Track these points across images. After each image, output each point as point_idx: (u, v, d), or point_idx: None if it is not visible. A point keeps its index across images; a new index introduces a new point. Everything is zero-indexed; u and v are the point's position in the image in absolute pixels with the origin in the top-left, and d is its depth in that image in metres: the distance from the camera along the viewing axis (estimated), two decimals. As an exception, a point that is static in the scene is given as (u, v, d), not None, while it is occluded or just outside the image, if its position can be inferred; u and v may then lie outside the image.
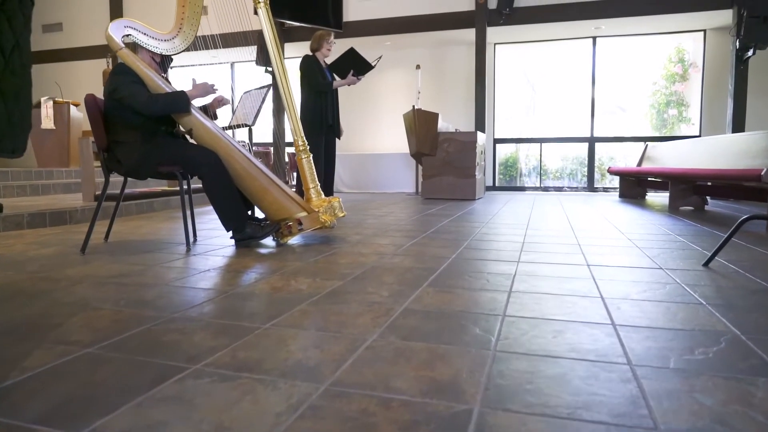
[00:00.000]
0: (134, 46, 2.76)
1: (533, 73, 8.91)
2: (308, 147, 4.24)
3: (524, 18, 7.58)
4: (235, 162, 2.80)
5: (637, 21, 7.46)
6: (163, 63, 2.83)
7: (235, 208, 2.75)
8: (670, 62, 8.19)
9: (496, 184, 8.98)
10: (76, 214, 3.98)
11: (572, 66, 8.58)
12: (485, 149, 7.42)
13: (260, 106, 3.68)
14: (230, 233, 2.80)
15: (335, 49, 4.28)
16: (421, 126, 6.50)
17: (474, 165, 6.44)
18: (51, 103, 6.31)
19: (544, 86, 8.89)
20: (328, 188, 4.40)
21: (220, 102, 2.97)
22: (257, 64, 7.33)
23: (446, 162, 6.53)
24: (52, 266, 2.27)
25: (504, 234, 3.26)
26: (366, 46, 8.99)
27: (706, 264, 2.25)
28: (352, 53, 4.06)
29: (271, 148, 8.82)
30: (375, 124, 9.20)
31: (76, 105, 6.65)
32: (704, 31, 7.83)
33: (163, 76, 2.80)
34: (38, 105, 6.16)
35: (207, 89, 2.76)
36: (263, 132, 10.00)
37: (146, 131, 2.67)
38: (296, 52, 8.39)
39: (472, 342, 1.28)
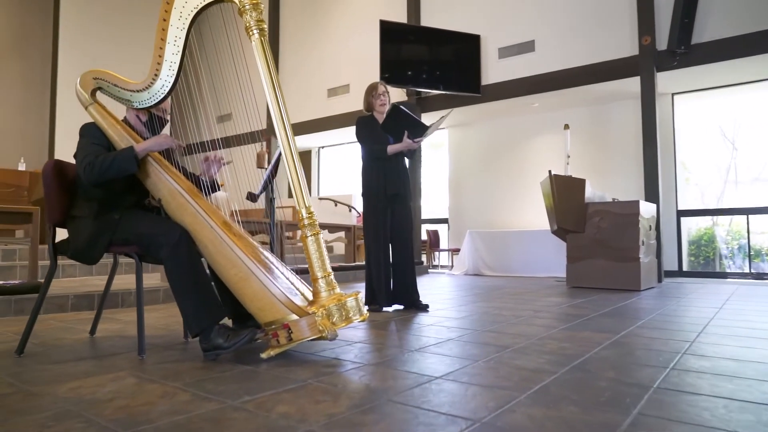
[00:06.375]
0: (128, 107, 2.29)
1: (731, 126, 6.94)
2: (365, 224, 3.39)
3: (707, 56, 5.92)
4: (208, 242, 2.06)
5: None
6: (151, 122, 2.29)
7: (201, 307, 1.98)
8: None
9: (684, 268, 6.97)
10: (129, 297, 3.64)
11: (789, 113, 6.46)
12: (656, 224, 5.71)
13: (267, 176, 2.95)
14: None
15: (476, 115, 3.44)
16: (561, 195, 5.21)
17: (637, 245, 4.86)
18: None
19: (749, 143, 6.83)
20: (406, 287, 3.39)
21: (207, 161, 2.30)
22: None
23: (597, 240, 5.07)
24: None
25: (630, 365, 1.91)
26: (510, 112, 8.02)
27: None
28: (396, 112, 3.13)
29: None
30: (521, 197, 8.00)
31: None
32: None
33: (144, 137, 2.24)
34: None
35: (162, 142, 2.11)
36: (437, 206, 9.35)
37: (107, 203, 2.09)
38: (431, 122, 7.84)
39: None
